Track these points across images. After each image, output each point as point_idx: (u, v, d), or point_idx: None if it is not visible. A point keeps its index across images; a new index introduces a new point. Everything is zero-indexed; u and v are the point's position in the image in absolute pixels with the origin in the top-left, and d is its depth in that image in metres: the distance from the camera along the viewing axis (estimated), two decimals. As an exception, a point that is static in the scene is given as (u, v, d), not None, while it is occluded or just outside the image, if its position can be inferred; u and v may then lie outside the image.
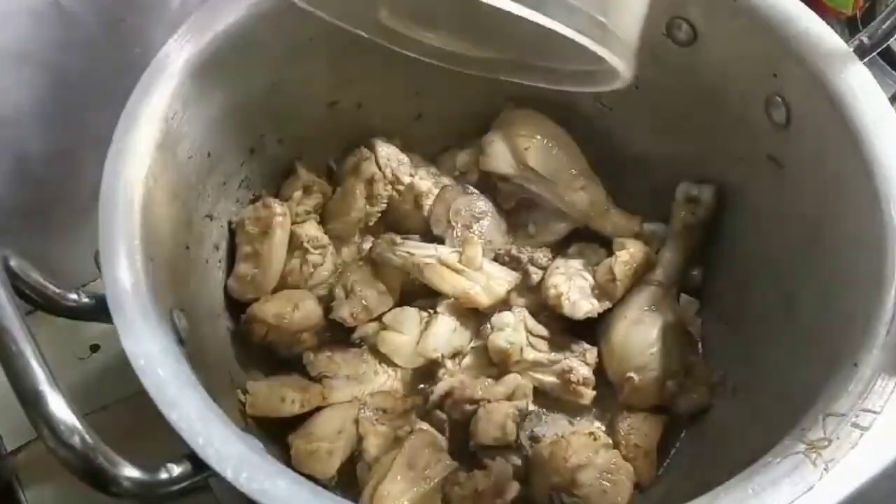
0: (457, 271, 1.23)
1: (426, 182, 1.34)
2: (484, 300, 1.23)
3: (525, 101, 1.36)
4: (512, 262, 1.28)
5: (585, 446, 1.10)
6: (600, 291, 1.24)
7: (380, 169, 1.32)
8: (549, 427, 1.21)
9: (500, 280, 1.25)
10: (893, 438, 0.84)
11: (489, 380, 1.18)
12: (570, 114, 1.34)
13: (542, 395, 1.22)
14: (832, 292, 1.01)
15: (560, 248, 1.34)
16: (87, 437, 0.77)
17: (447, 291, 1.24)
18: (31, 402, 0.77)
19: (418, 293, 1.27)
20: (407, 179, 1.32)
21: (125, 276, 0.89)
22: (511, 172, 1.33)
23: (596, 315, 1.23)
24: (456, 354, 1.24)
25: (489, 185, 1.37)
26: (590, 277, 1.25)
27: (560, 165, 1.33)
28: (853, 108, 1.01)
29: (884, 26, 1.03)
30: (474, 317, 1.26)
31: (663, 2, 1.14)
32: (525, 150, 1.33)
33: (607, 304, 1.24)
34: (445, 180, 1.37)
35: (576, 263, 1.28)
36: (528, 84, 1.09)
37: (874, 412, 0.85)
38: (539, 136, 1.34)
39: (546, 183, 1.32)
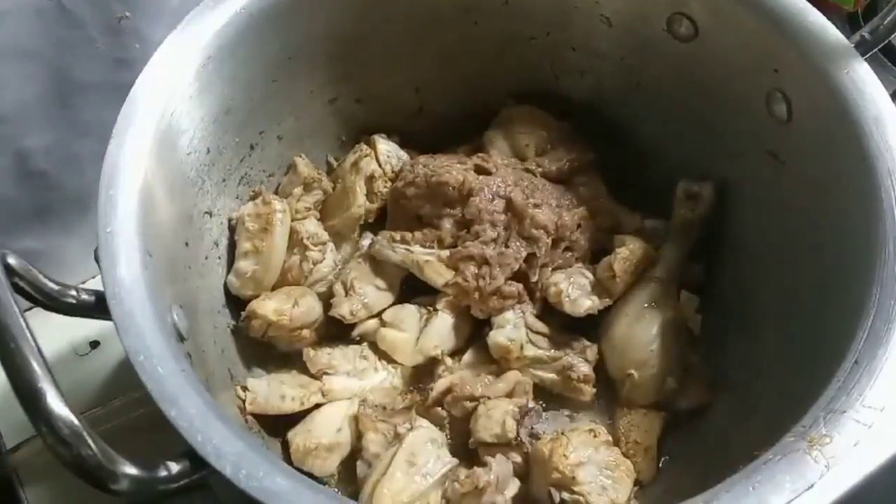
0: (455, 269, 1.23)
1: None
2: (483, 298, 1.23)
3: (526, 97, 1.36)
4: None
5: (585, 443, 1.10)
6: (600, 288, 1.23)
7: (380, 166, 1.32)
8: (549, 424, 1.22)
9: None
10: (895, 435, 0.84)
11: (489, 377, 1.18)
12: (571, 110, 1.34)
13: (542, 392, 1.22)
14: (833, 288, 1.01)
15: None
16: (85, 434, 0.76)
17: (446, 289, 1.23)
18: (30, 399, 0.76)
19: (418, 290, 1.27)
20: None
21: (124, 272, 0.88)
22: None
23: (596, 312, 1.22)
24: (456, 351, 1.24)
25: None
26: (590, 274, 1.25)
27: (559, 160, 1.34)
28: (854, 104, 1.01)
29: (885, 22, 1.03)
30: (474, 314, 1.26)
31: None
32: (525, 146, 1.34)
33: (608, 301, 1.23)
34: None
35: (576, 261, 1.28)
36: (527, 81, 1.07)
37: (876, 409, 0.85)
38: (540, 133, 1.34)
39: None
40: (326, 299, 1.25)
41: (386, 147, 1.34)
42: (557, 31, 1.30)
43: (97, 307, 0.92)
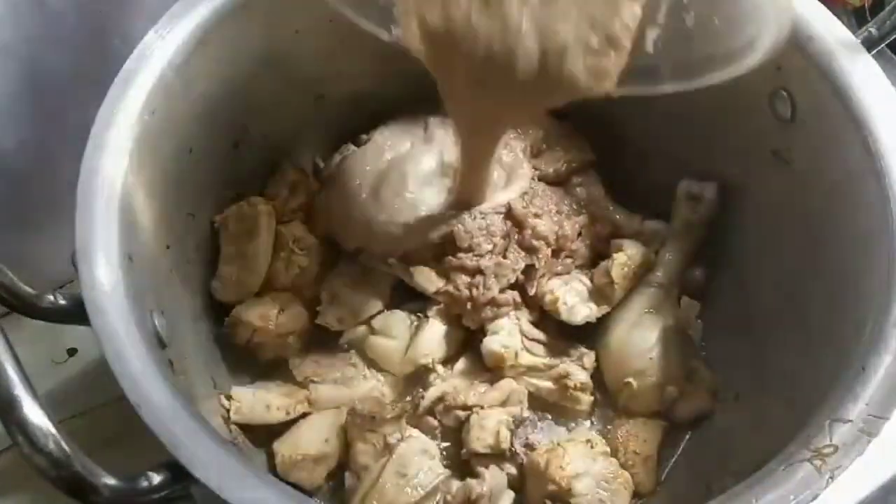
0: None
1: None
2: (476, 304, 1.21)
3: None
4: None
5: (582, 454, 1.08)
6: (598, 295, 1.22)
7: (369, 167, 1.29)
8: (544, 434, 1.19)
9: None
10: (904, 445, 0.83)
11: (483, 385, 1.16)
12: (569, 108, 1.33)
13: (537, 401, 1.20)
14: (839, 293, 0.99)
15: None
16: (63, 444, 0.75)
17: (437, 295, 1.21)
18: (5, 408, 0.75)
19: (408, 296, 1.25)
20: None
21: (103, 276, 0.87)
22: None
23: (594, 320, 1.20)
24: (448, 359, 1.22)
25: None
26: (587, 281, 1.23)
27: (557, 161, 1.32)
28: (861, 102, 0.99)
29: (893, 17, 1.01)
30: (466, 321, 1.24)
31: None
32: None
33: (606, 309, 1.21)
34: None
35: (572, 266, 1.26)
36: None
37: (883, 418, 0.84)
38: (536, 132, 1.32)
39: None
40: (313, 305, 1.23)
41: (375, 147, 1.31)
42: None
43: (75, 313, 0.90)
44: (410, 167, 1.23)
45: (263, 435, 1.14)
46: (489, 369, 1.19)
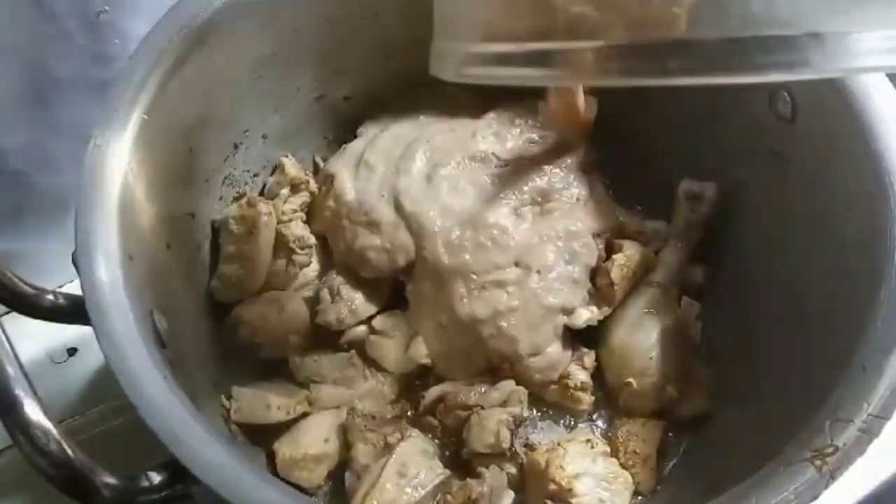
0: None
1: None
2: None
3: (522, 93, 1.33)
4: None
5: (582, 454, 1.08)
6: (598, 297, 1.20)
7: (369, 166, 1.29)
8: (544, 434, 1.19)
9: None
10: (904, 445, 0.82)
11: (483, 385, 1.15)
12: None
13: (538, 401, 1.20)
14: (840, 293, 0.99)
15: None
16: (63, 444, 0.75)
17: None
18: (5, 407, 0.75)
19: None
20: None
21: (104, 276, 0.86)
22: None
23: (595, 323, 1.19)
24: (447, 359, 1.20)
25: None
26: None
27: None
28: (862, 102, 0.99)
29: (894, 17, 1.01)
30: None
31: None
32: (521, 143, 1.31)
33: (607, 311, 1.20)
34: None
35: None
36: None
37: (884, 418, 0.84)
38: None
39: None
40: (313, 305, 1.22)
41: (374, 147, 1.31)
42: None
43: (75, 312, 0.91)
44: (371, 156, 1.23)
45: (264, 435, 1.13)
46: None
